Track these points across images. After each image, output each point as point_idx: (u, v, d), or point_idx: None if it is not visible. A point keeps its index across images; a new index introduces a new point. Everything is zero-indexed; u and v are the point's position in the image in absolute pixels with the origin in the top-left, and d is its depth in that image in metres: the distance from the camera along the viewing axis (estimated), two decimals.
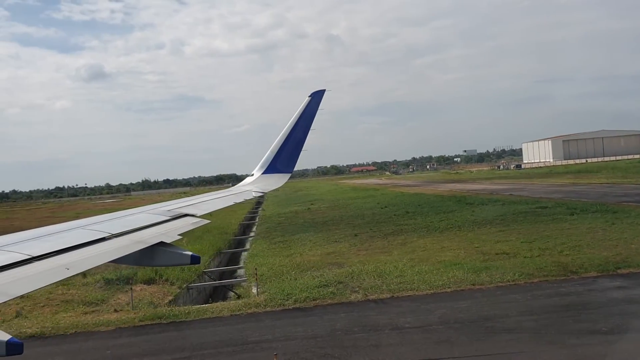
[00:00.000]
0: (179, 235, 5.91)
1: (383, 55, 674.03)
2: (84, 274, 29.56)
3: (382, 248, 28.04)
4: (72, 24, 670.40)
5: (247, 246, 45.97)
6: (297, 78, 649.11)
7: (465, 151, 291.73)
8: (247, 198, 10.05)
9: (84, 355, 14.39)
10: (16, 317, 19.55)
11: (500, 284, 18.24)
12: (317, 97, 11.82)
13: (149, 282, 26.65)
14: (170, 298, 24.46)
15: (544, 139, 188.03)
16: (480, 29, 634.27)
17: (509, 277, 18.75)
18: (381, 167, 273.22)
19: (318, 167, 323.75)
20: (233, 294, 31.00)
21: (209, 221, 7.23)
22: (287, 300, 18.20)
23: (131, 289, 21.66)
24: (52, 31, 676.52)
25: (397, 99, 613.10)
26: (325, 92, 11.90)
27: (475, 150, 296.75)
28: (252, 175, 12.21)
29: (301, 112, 11.79)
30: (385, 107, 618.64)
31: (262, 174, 11.96)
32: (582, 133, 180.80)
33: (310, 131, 11.87)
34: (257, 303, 18.21)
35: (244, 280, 27.27)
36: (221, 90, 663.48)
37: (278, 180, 11.91)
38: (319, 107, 11.79)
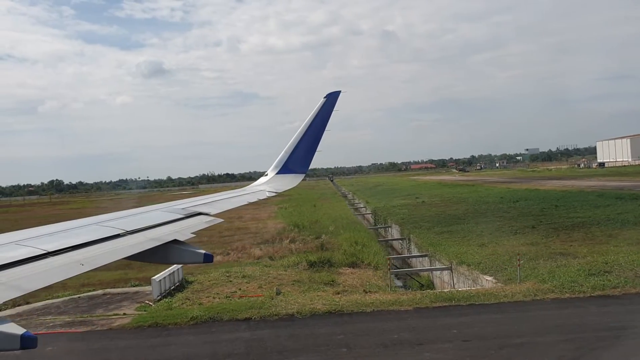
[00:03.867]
0: (192, 233, 5.87)
1: (439, 52, 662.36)
2: (270, 257, 29.66)
3: (590, 239, 26.52)
4: (134, 22, 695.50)
5: (391, 235, 45.35)
6: (350, 75, 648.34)
7: (527, 150, 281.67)
8: (261, 198, 9.89)
9: (430, 333, 13.79)
10: (277, 294, 19.39)
11: None
12: (332, 98, 11.60)
13: (352, 265, 26.30)
14: (387, 282, 23.98)
15: (621, 137, 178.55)
16: (541, 24, 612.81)
17: None
18: (440, 165, 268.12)
19: (372, 163, 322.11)
20: (415, 281, 30.42)
21: (222, 220, 7.30)
22: (580, 287, 17.11)
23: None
24: (115, 29, 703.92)
25: (452, 95, 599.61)
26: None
27: (538, 148, 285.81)
28: (266, 175, 12.02)
29: (316, 113, 11.55)
30: (440, 104, 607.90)
31: (276, 174, 11.77)
32: None
33: (325, 132, 11.68)
34: (549, 289, 17.20)
35: (447, 268, 26.39)
36: (275, 86, 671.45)
37: (292, 181, 11.70)
38: (334, 109, 11.61)
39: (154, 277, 21.13)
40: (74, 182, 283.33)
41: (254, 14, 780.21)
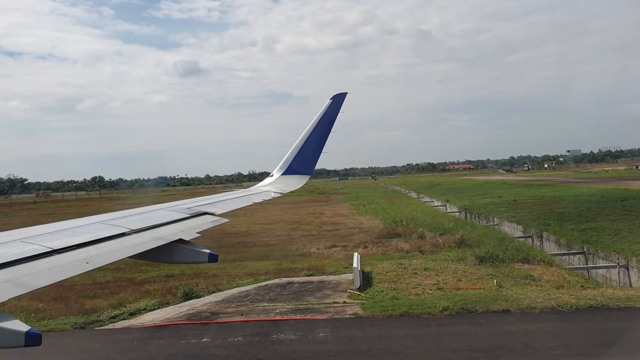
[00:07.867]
0: (197, 232, 5.86)
1: (474, 51, 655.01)
2: (420, 251, 28.96)
3: None
4: (171, 22, 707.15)
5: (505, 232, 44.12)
6: (383, 75, 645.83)
7: (568, 151, 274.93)
8: (266, 198, 9.95)
9: None
10: (499, 287, 18.69)
11: None
12: (338, 100, 11.48)
13: (524, 261, 25.43)
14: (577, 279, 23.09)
15: None
16: (579, 24, 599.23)
17: None
18: (479, 166, 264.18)
19: (407, 164, 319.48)
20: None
21: (227, 220, 7.20)
22: None
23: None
24: (152, 29, 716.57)
25: (487, 96, 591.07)
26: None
27: (580, 150, 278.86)
28: (272, 175, 11.85)
29: (322, 114, 11.42)
30: (475, 104, 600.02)
31: (282, 175, 11.73)
32: None
33: (331, 133, 11.57)
34: None
35: (614, 266, 25.32)
36: (309, 86, 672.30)
37: (297, 182, 11.65)
38: (340, 110, 11.47)
39: (355, 266, 20.72)
40: (114, 179, 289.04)
41: (290, 14, 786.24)
